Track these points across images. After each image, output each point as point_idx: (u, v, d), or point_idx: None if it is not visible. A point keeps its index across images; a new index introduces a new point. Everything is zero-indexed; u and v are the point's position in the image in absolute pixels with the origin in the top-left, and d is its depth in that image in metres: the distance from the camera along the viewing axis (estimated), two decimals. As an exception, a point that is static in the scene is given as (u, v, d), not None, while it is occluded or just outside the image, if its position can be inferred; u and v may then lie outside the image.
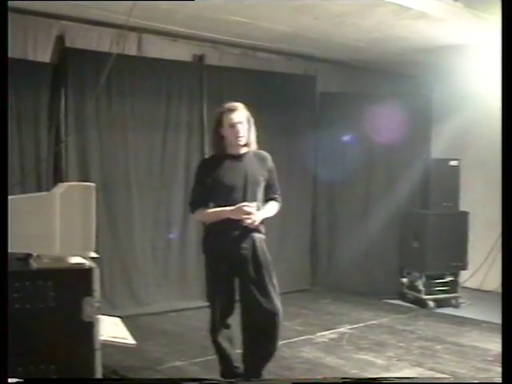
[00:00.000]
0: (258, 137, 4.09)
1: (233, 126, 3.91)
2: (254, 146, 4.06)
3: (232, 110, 3.94)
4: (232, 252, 3.94)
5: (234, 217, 3.87)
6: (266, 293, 3.94)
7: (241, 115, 3.95)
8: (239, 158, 4.01)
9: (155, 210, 6.48)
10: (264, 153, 4.14)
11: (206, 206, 4.00)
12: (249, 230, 3.95)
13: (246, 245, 3.95)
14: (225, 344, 4.08)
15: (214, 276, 4.02)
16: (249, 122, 3.99)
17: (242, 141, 3.96)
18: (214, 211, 3.95)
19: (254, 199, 3.94)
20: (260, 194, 4.05)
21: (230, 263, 3.95)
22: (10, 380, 2.56)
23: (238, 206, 3.85)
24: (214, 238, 4.00)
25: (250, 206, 3.86)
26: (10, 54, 5.25)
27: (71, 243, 3.11)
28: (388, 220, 7.42)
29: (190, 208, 4.11)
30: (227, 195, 3.91)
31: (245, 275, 3.95)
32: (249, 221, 3.87)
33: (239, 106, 3.98)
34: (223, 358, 4.12)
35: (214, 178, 3.94)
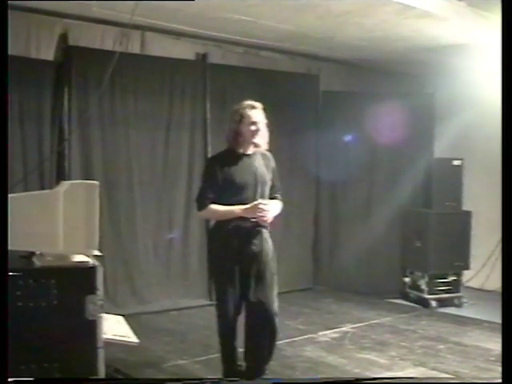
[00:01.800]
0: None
1: (252, 123, 3.93)
2: (263, 147, 4.07)
3: (253, 108, 3.96)
4: (243, 250, 3.93)
5: (249, 215, 3.88)
6: (265, 290, 3.96)
7: (260, 114, 3.97)
8: (249, 156, 4.02)
9: (158, 208, 6.48)
10: (268, 153, 4.16)
11: (215, 204, 3.95)
12: (258, 228, 3.96)
13: (256, 241, 3.97)
14: (233, 343, 4.09)
15: (224, 275, 3.99)
16: (264, 122, 4.01)
17: (258, 139, 3.98)
18: (227, 209, 3.91)
19: (263, 197, 3.96)
20: (267, 192, 4.07)
21: (240, 261, 3.94)
22: (10, 380, 2.55)
23: (253, 204, 3.86)
24: (224, 236, 3.96)
25: (265, 204, 3.88)
26: (13, 52, 5.31)
27: (74, 241, 3.12)
28: (390, 219, 7.42)
29: (197, 205, 4.05)
30: (238, 193, 3.91)
31: (251, 273, 3.95)
32: (265, 218, 3.88)
33: (259, 105, 4.00)
34: (228, 356, 4.12)
35: (225, 175, 3.93)
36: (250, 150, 4.03)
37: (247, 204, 3.89)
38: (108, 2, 5.16)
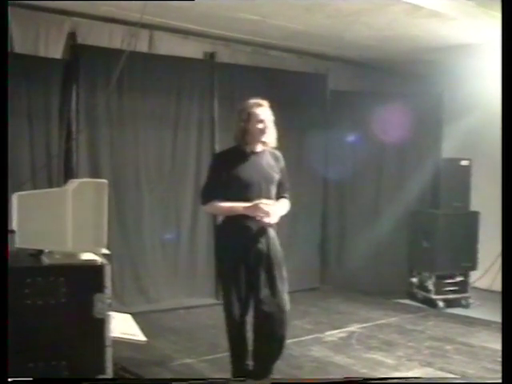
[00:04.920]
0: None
1: (260, 121, 3.93)
2: (272, 145, 4.07)
3: (259, 106, 3.96)
4: (248, 248, 3.93)
5: (250, 214, 3.87)
6: (276, 290, 3.94)
7: (267, 112, 3.97)
8: (257, 154, 4.02)
9: (165, 206, 6.49)
10: (278, 152, 4.16)
11: (219, 199, 3.95)
12: (264, 226, 3.95)
13: (262, 240, 3.95)
14: (242, 341, 4.06)
15: (230, 273, 3.98)
16: (271, 120, 4.00)
17: (266, 137, 3.97)
18: (230, 206, 3.91)
19: (268, 196, 3.95)
20: (274, 191, 4.06)
21: (245, 259, 3.94)
22: (9, 380, 2.56)
23: (254, 203, 3.85)
24: (230, 233, 3.97)
25: (267, 204, 3.86)
26: (21, 50, 5.34)
27: (83, 239, 3.13)
28: (398, 219, 7.40)
29: (201, 199, 4.07)
30: (243, 190, 3.90)
31: (259, 271, 3.94)
32: (266, 219, 3.88)
33: (265, 103, 4.00)
34: (237, 355, 4.10)
35: (231, 171, 3.92)
36: (258, 148, 4.03)
37: (252, 201, 3.88)
38: (116, 1, 5.17)
